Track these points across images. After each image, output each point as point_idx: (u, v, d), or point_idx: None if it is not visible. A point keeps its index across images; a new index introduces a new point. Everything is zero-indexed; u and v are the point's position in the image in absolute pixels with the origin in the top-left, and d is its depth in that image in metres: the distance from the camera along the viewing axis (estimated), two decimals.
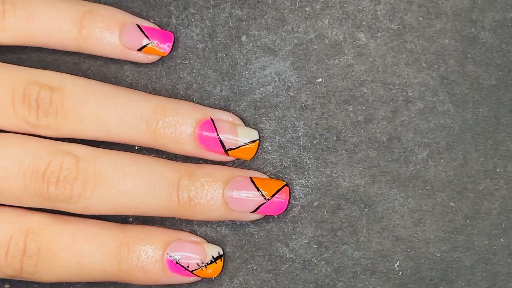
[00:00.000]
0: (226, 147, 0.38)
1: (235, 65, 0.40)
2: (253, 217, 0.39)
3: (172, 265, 0.38)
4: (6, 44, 0.38)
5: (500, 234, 0.39)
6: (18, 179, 0.37)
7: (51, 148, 0.37)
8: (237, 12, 0.40)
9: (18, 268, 0.37)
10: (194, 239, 0.39)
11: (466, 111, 0.39)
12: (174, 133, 0.38)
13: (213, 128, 0.38)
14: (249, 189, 0.38)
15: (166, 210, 0.38)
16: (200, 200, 0.38)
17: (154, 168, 0.38)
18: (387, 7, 0.39)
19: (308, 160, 0.40)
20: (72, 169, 0.37)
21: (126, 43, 0.38)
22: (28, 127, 0.37)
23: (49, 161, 0.37)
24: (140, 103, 0.38)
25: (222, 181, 0.38)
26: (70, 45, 0.38)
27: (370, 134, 0.39)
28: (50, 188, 0.37)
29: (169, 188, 0.38)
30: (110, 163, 0.37)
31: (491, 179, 0.39)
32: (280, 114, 0.40)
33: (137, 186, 0.37)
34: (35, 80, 0.37)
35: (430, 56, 0.39)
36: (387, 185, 0.39)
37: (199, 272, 0.38)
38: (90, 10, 0.38)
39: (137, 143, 0.38)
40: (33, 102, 0.37)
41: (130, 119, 0.38)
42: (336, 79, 0.39)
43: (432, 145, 0.39)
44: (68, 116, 0.37)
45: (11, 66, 0.38)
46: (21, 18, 0.37)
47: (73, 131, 0.38)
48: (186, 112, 0.38)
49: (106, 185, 0.37)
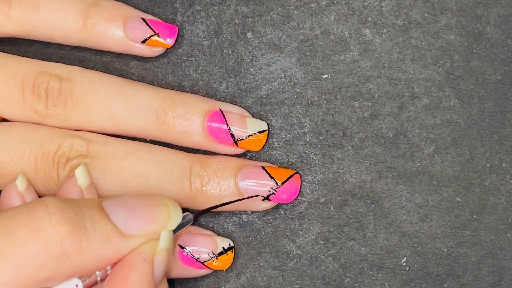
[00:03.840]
0: (236, 138, 0.38)
1: (241, 61, 0.40)
2: (265, 206, 0.39)
3: (184, 257, 0.38)
4: (11, 34, 0.38)
5: (506, 229, 0.39)
6: (29, 161, 0.37)
7: (61, 132, 0.37)
8: (243, 9, 0.40)
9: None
10: (205, 232, 0.39)
11: (471, 107, 0.39)
12: (183, 124, 0.38)
13: (222, 119, 0.38)
14: (261, 176, 0.38)
15: (178, 195, 0.38)
16: (213, 187, 0.38)
17: (166, 154, 0.38)
18: (393, 3, 0.39)
19: (314, 156, 0.40)
20: (83, 151, 0.37)
21: (131, 35, 0.38)
22: (37, 116, 0.37)
23: (60, 143, 0.37)
24: (149, 94, 0.38)
25: (234, 168, 0.38)
26: (74, 36, 0.38)
27: (376, 130, 0.39)
28: (59, 170, 0.37)
29: (181, 173, 0.38)
30: (121, 147, 0.37)
31: (497, 174, 0.39)
32: (286, 110, 0.40)
33: (149, 169, 0.37)
34: (44, 70, 0.37)
35: (436, 52, 0.39)
36: (394, 180, 0.39)
37: (210, 263, 0.38)
38: (95, 2, 0.38)
39: (145, 135, 0.38)
40: (42, 92, 0.37)
41: (139, 110, 0.38)
42: (342, 75, 0.40)
43: (438, 141, 0.39)
44: (77, 106, 0.37)
45: (21, 58, 0.38)
46: (26, 7, 0.38)
47: (82, 121, 0.37)
48: (196, 103, 0.38)
49: (117, 167, 0.37)
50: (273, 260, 0.40)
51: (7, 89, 0.37)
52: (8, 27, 0.38)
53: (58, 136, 0.37)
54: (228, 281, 0.40)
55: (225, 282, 0.40)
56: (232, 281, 0.40)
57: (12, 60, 0.38)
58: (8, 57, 0.38)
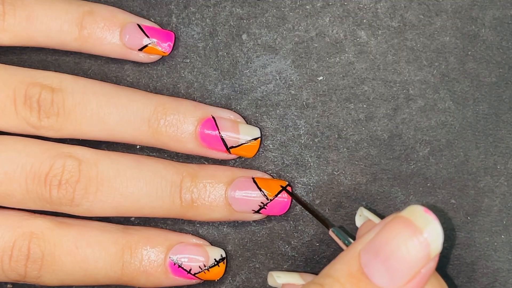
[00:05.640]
0: (228, 145, 0.38)
1: (236, 63, 0.40)
2: (256, 217, 0.39)
3: (175, 268, 0.38)
4: (7, 45, 0.38)
5: (500, 230, 0.39)
6: (20, 183, 0.37)
7: (53, 151, 0.37)
8: (238, 11, 0.40)
9: (22, 273, 0.37)
10: (197, 241, 0.39)
11: (466, 109, 0.39)
12: (176, 132, 0.38)
13: (214, 126, 0.38)
14: (252, 189, 0.38)
15: (169, 211, 0.38)
16: (203, 202, 0.38)
17: (156, 170, 0.38)
18: (388, 4, 0.39)
19: (309, 158, 0.40)
20: (74, 172, 0.37)
21: (127, 43, 0.38)
22: (30, 128, 0.37)
23: (51, 164, 0.37)
24: (141, 103, 0.38)
25: (225, 182, 0.38)
26: (70, 45, 0.38)
27: (371, 132, 0.39)
28: (52, 192, 0.37)
29: (171, 190, 0.38)
30: (112, 166, 0.37)
31: (491, 176, 0.39)
32: (281, 112, 0.40)
33: (139, 189, 0.37)
34: (36, 81, 0.37)
35: (431, 54, 0.39)
36: (389, 182, 0.39)
37: (201, 275, 0.38)
38: (90, 10, 0.38)
39: (138, 143, 0.38)
40: (34, 104, 0.37)
41: (131, 119, 0.38)
42: (337, 77, 0.40)
43: (433, 143, 0.39)
44: (70, 117, 0.37)
45: (12, 68, 0.38)
46: (21, 19, 0.37)
47: (75, 131, 0.37)
48: (188, 111, 0.38)
49: (108, 188, 0.37)
50: (268, 261, 0.40)
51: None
52: (3, 39, 0.38)
53: (49, 156, 0.37)
54: (223, 282, 0.40)
55: (220, 284, 0.40)
56: (227, 282, 0.40)
57: (3, 71, 0.37)
58: None
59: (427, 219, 0.30)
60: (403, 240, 0.30)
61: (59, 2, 0.38)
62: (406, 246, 0.30)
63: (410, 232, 0.30)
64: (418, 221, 0.30)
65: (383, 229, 0.31)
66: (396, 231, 0.30)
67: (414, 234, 0.30)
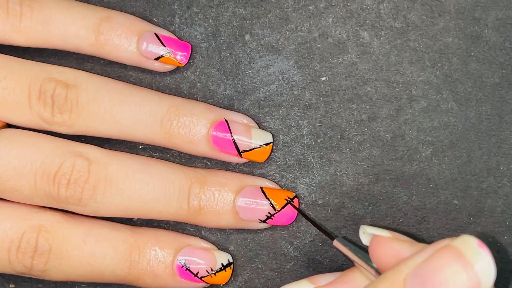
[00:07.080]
0: (240, 149, 0.38)
1: (239, 64, 0.40)
2: (262, 226, 0.39)
3: (182, 271, 0.38)
4: (22, 45, 0.38)
5: (503, 231, 0.39)
6: (29, 179, 0.37)
7: (63, 149, 0.37)
8: (241, 11, 0.40)
9: (29, 265, 0.37)
10: (205, 245, 0.39)
11: (469, 109, 0.39)
12: (188, 134, 0.38)
13: (227, 129, 0.38)
14: (260, 199, 0.38)
15: (176, 216, 0.38)
16: (210, 209, 0.38)
17: (165, 175, 0.38)
18: (391, 5, 0.39)
19: (312, 158, 0.40)
20: (84, 172, 0.37)
21: (144, 52, 0.38)
22: (43, 123, 0.37)
23: (61, 162, 0.37)
24: (154, 103, 0.38)
25: (233, 191, 0.38)
26: (86, 50, 0.38)
27: (374, 132, 0.39)
28: (60, 190, 0.37)
29: (179, 195, 0.38)
30: (121, 168, 0.37)
31: (494, 177, 0.39)
32: (284, 112, 0.40)
33: (147, 193, 0.37)
34: (51, 76, 0.37)
35: (434, 55, 0.39)
36: (391, 183, 0.39)
37: (208, 279, 0.38)
38: (108, 16, 0.38)
39: (150, 142, 0.38)
40: (48, 99, 0.37)
41: (144, 118, 0.38)
42: (340, 77, 0.40)
43: (436, 143, 0.39)
44: (82, 113, 0.37)
45: (27, 62, 0.38)
46: (37, 22, 0.37)
47: (87, 128, 0.37)
48: (201, 113, 0.38)
49: (116, 190, 0.37)
50: (271, 262, 0.40)
51: (13, 96, 0.37)
52: (18, 40, 0.38)
53: (59, 154, 0.37)
54: (226, 282, 0.40)
55: (223, 284, 0.40)
56: (230, 282, 0.40)
57: (19, 66, 0.37)
58: (14, 61, 0.38)
59: (479, 253, 0.29)
60: (452, 273, 0.29)
61: (77, 6, 0.38)
62: (455, 281, 0.29)
63: (460, 266, 0.29)
64: (470, 254, 0.29)
65: (433, 257, 0.30)
66: (446, 262, 0.29)
67: (464, 268, 0.29)
